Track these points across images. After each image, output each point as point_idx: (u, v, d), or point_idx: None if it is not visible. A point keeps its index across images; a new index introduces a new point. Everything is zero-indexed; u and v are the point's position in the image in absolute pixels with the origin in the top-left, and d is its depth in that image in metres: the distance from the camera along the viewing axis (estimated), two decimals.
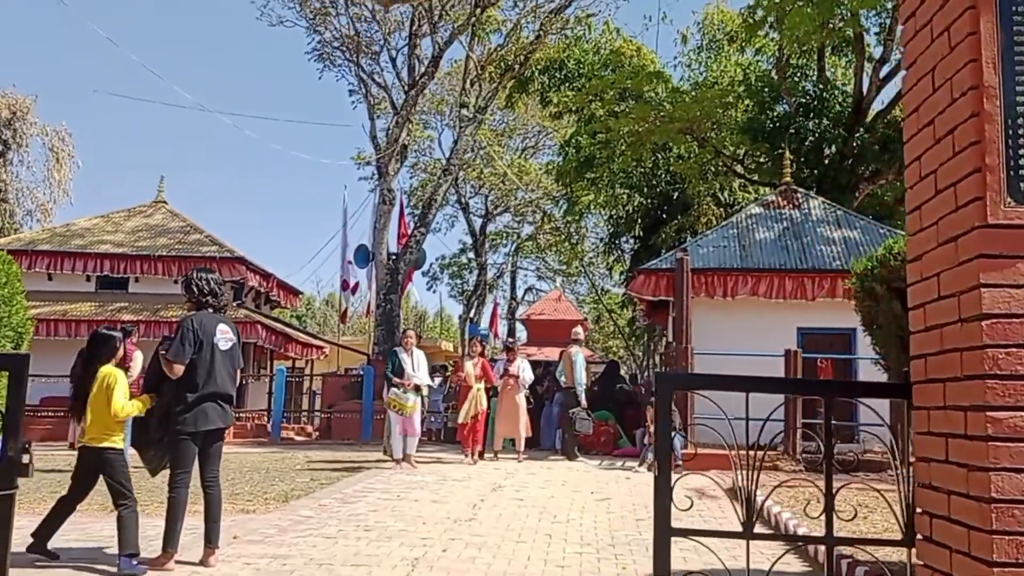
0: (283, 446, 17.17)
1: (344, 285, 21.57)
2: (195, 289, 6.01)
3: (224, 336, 5.96)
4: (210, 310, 6.02)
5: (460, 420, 12.86)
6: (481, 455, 13.03)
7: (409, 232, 19.83)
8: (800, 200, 17.33)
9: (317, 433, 20.05)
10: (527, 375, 13.49)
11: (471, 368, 12.65)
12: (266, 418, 19.33)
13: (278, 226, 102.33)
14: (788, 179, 17.91)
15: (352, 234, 22.71)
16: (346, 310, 23.24)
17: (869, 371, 14.39)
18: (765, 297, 15.24)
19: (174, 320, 18.55)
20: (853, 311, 15.19)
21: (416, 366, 11.74)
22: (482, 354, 13.72)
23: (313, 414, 21.13)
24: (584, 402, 13.85)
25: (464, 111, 20.12)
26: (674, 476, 9.55)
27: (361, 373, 19.38)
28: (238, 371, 6.14)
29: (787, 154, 18.27)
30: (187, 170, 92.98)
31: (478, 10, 19.03)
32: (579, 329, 14.47)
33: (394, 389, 11.63)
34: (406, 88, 19.72)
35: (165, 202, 22.71)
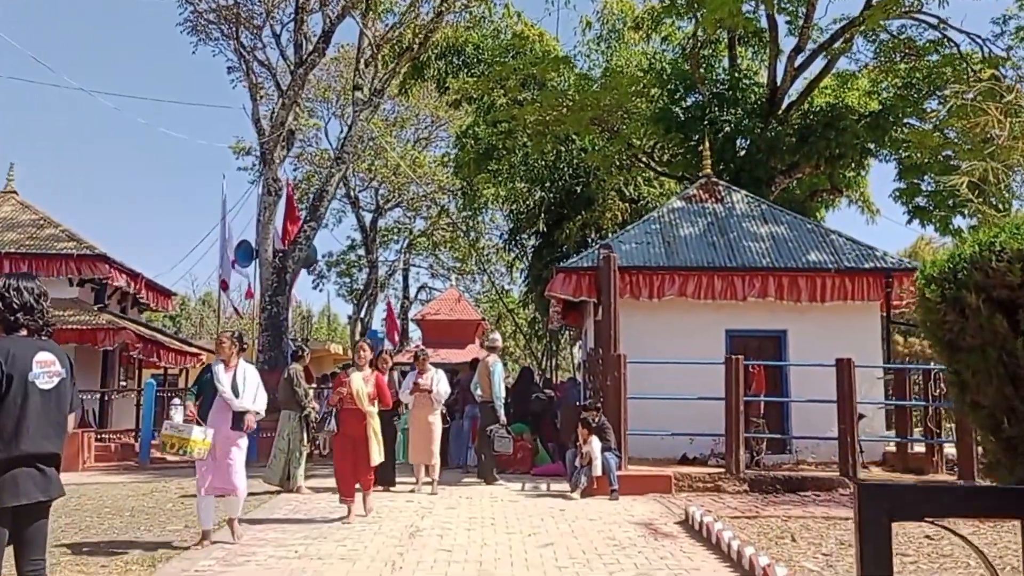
0: (154, 471, 14.99)
1: (223, 285, 19.41)
2: None
3: (46, 370, 4.14)
4: (23, 332, 4.19)
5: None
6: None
7: (298, 227, 17.85)
8: (722, 193, 16.30)
9: None
10: (442, 388, 11.32)
11: (360, 384, 8.74)
12: (134, 438, 17.01)
13: (148, 220, 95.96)
14: (708, 171, 16.88)
15: (234, 229, 20.56)
16: (235, 308, 21.01)
17: (805, 378, 13.49)
18: (693, 297, 14.09)
19: None
20: (784, 312, 14.49)
21: (240, 385, 7.73)
22: (375, 365, 11.24)
23: None
24: (503, 418, 12.35)
25: (358, 94, 18.25)
26: (612, 504, 8.07)
27: None
28: (70, 418, 4.33)
29: (706, 144, 17.24)
30: (45, 158, 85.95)
31: None
32: (496, 336, 12.92)
33: (169, 420, 8.54)
34: (292, 67, 17.70)
35: (15, 192, 19.86)
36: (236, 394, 7.56)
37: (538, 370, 37.67)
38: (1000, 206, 18.35)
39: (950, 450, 12.18)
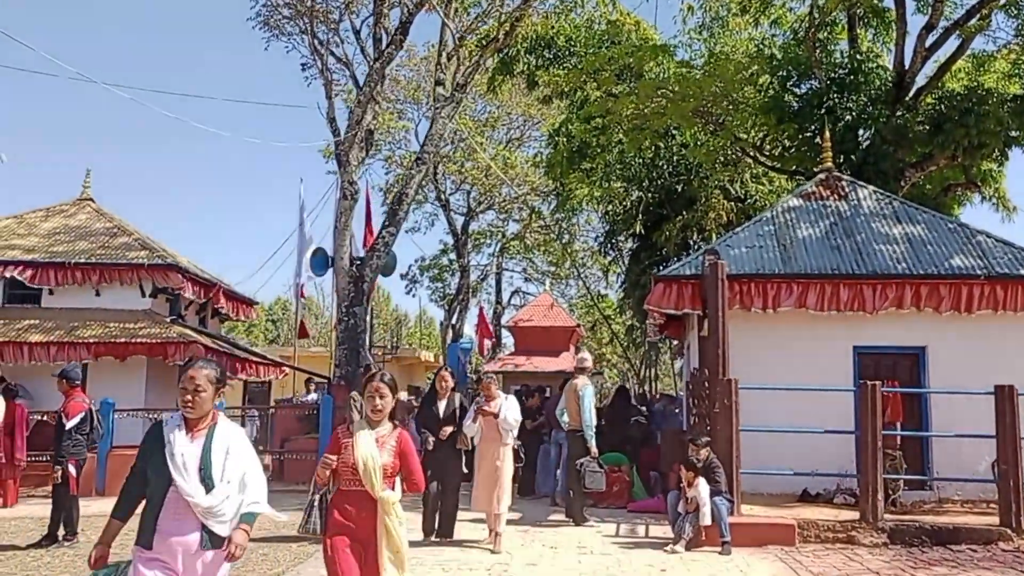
0: None
1: (301, 294, 18.51)
2: None
3: None
4: None
5: None
6: None
7: (376, 233, 16.72)
8: (846, 189, 14.34)
9: (269, 473, 16.90)
10: (511, 416, 9.04)
11: (369, 450, 4.72)
12: None
13: (230, 226, 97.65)
14: (828, 164, 14.93)
15: (315, 234, 19.64)
16: (303, 324, 20.13)
17: (950, 403, 11.52)
18: (815, 309, 12.25)
19: (92, 341, 15.39)
20: (923, 325, 12.39)
21: (213, 465, 4.10)
22: (476, 396, 9.46)
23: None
24: (594, 449, 10.81)
25: (440, 89, 17.00)
26: (723, 560, 6.38)
27: (315, 400, 16.28)
28: None
29: (826, 135, 15.29)
30: (123, 163, 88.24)
31: None
32: (586, 356, 11.35)
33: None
34: (371, 62, 16.59)
35: (91, 200, 19.42)
36: (206, 482, 4.07)
37: (636, 380, 35.98)
38: None
39: None
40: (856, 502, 11.17)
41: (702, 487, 8.99)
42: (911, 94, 17.79)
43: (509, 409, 8.98)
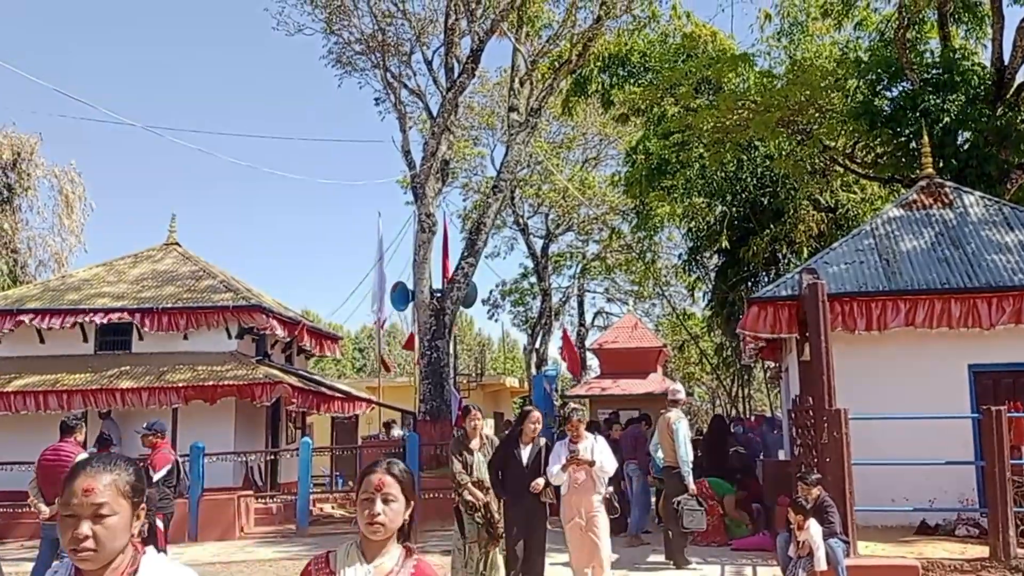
0: (314, 538, 13.88)
1: (381, 327, 18.41)
2: None
3: None
4: None
5: None
6: None
7: (455, 264, 16.49)
8: (951, 196, 13.43)
9: (354, 512, 16.73)
10: (607, 462, 7.83)
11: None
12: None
13: (316, 262, 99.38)
14: (929, 170, 14.05)
15: (394, 268, 19.50)
16: (384, 359, 20.02)
17: None
18: (925, 327, 11.43)
19: (181, 385, 15.49)
20: None
21: None
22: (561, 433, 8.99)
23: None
24: (692, 487, 10.21)
25: (514, 115, 16.73)
26: None
27: (402, 437, 16.02)
28: None
29: (924, 139, 14.41)
30: (207, 208, 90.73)
31: None
32: (679, 388, 10.72)
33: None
34: (444, 92, 16.42)
35: (178, 244, 19.72)
36: None
37: (728, 401, 34.88)
38: None
39: None
40: (980, 533, 10.33)
41: (814, 529, 8.32)
42: (1012, 91, 16.72)
43: (602, 453, 7.86)
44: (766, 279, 22.75)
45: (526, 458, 7.94)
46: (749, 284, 23.58)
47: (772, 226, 22.07)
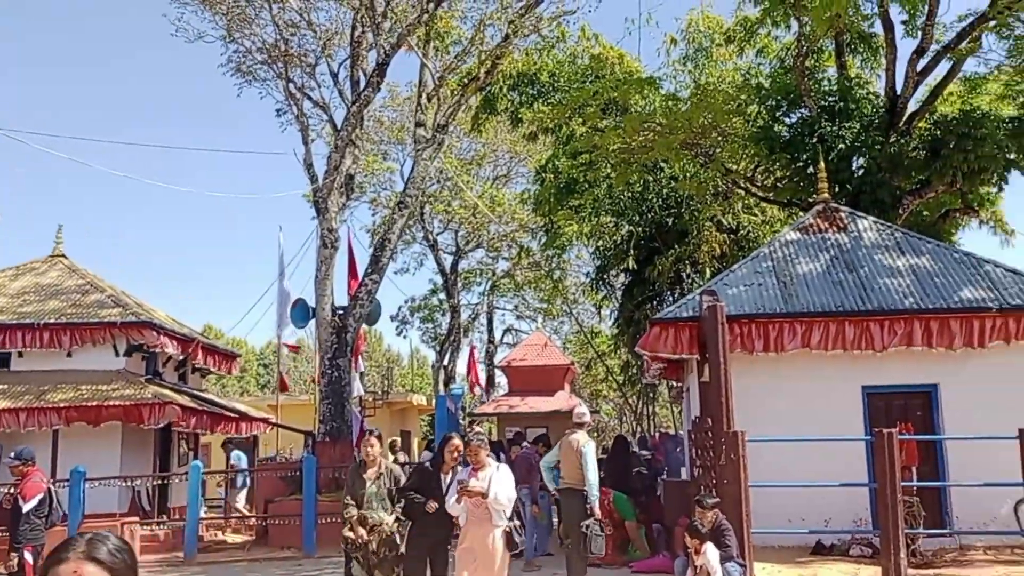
0: (202, 566, 13.26)
1: (294, 348, 17.86)
2: None
3: None
4: None
5: None
6: None
7: (359, 281, 16.11)
8: (845, 221, 13.80)
9: (252, 536, 16.12)
10: (502, 493, 7.21)
11: None
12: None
13: (215, 277, 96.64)
14: (825, 195, 14.41)
15: (299, 283, 18.98)
16: (283, 378, 19.43)
17: (970, 446, 10.86)
18: (820, 349, 11.67)
19: (63, 405, 14.64)
20: (933, 362, 11.74)
21: None
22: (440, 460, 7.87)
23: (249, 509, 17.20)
24: (598, 511, 10.11)
25: (420, 131, 16.49)
26: None
27: (298, 459, 15.52)
28: None
29: (820, 164, 14.79)
30: (104, 220, 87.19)
31: (431, 5, 15.43)
32: (583, 411, 10.62)
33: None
34: (349, 105, 16.08)
35: (64, 256, 18.71)
36: None
37: (632, 418, 35.16)
38: None
39: None
40: (873, 553, 10.53)
41: (711, 553, 8.29)
42: (904, 120, 17.34)
43: (501, 483, 7.23)
44: (671, 298, 23.02)
45: (446, 487, 7.63)
46: (655, 303, 23.82)
47: (677, 246, 22.35)
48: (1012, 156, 16.59)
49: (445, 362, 36.74)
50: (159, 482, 16.61)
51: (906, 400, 11.84)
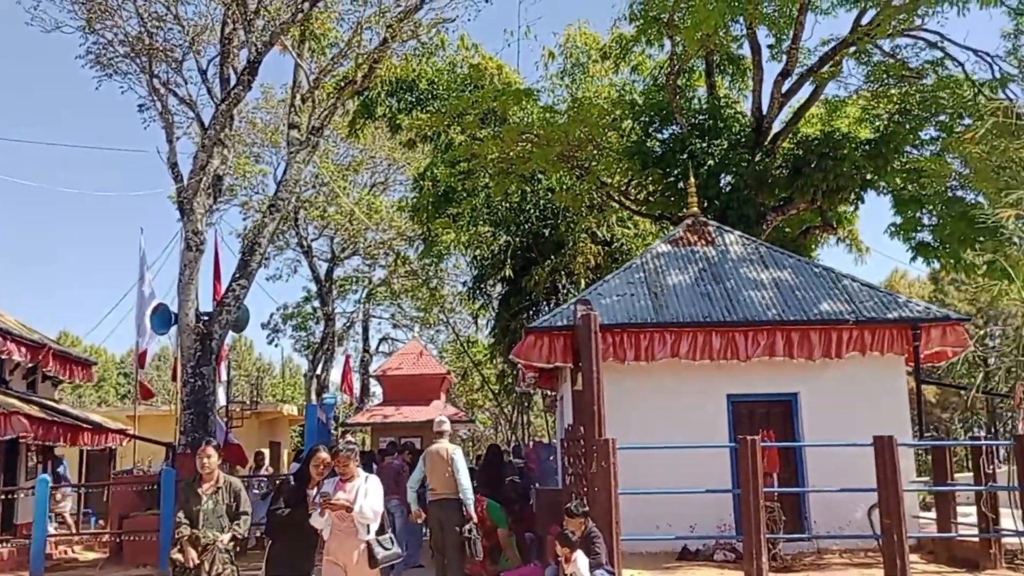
0: None
1: (141, 359, 17.01)
2: None
3: None
4: None
5: None
6: None
7: (226, 286, 15.50)
8: (713, 235, 14.21)
9: (106, 554, 15.22)
10: (367, 506, 6.93)
11: None
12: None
13: (73, 280, 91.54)
14: (694, 209, 14.82)
15: (164, 288, 18.09)
16: (143, 385, 18.55)
17: (828, 452, 11.31)
18: (688, 358, 11.94)
19: None
20: (794, 372, 12.20)
21: None
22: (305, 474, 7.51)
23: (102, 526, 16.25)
24: (475, 516, 10.04)
25: (294, 133, 16.04)
26: None
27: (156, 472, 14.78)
28: None
29: (690, 179, 15.21)
30: None
31: (305, 4, 15.05)
32: (444, 419, 10.57)
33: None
34: (217, 104, 15.48)
35: None
36: None
37: (508, 427, 35.29)
38: (1017, 238, 16.46)
39: (1012, 540, 10.01)
40: (736, 558, 10.79)
41: (581, 561, 8.30)
42: (769, 139, 18.08)
43: (369, 495, 6.96)
44: (547, 308, 23.22)
45: (312, 501, 7.24)
46: (531, 312, 23.97)
47: (553, 257, 22.61)
48: (868, 177, 17.53)
49: (318, 371, 35.94)
50: (3, 497, 15.46)
51: (768, 408, 12.23)
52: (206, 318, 14.95)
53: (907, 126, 17.45)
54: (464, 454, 12.26)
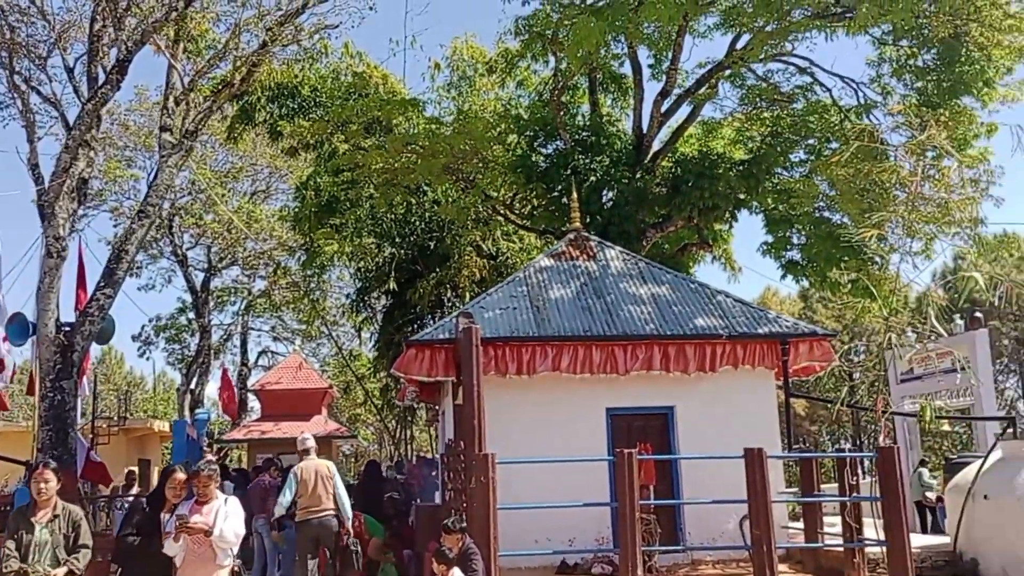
0: None
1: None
2: None
3: None
4: None
5: None
6: None
7: (90, 295, 14.68)
8: (595, 250, 14.38)
9: None
10: (228, 529, 6.70)
11: None
12: None
13: None
14: (577, 224, 14.97)
15: (17, 297, 16.97)
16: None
17: (703, 465, 11.55)
18: (569, 372, 12.01)
19: None
20: (670, 385, 12.44)
21: None
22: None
23: None
24: (351, 529, 9.82)
25: (166, 136, 15.36)
26: None
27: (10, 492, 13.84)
28: None
29: (573, 195, 15.36)
30: None
31: (180, 3, 14.46)
32: (308, 436, 10.38)
33: None
34: (84, 102, 14.68)
35: None
36: None
37: (391, 442, 34.81)
38: (878, 259, 17.38)
39: (875, 549, 10.44)
40: (613, 571, 10.88)
41: None
42: (649, 157, 18.51)
43: (230, 517, 6.68)
44: (432, 321, 23.04)
45: (171, 527, 6.77)
46: (415, 326, 23.76)
47: (438, 270, 22.47)
48: (741, 196, 18.14)
49: (192, 386, 34.57)
50: None
51: (646, 421, 12.40)
52: (67, 329, 14.10)
53: (778, 148, 18.17)
54: (347, 470, 12.00)
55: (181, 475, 7.12)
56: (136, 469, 21.07)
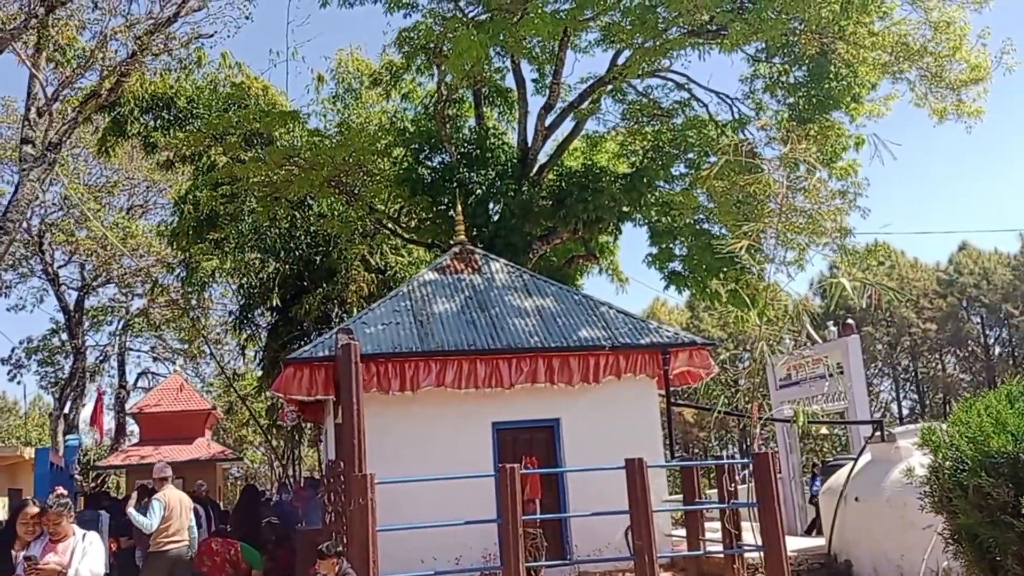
0: None
1: None
2: None
3: None
4: None
5: None
6: None
7: None
8: (480, 263, 14.30)
9: None
10: (89, 569, 6.25)
11: None
12: None
13: None
14: (462, 237, 14.87)
15: None
16: None
17: (588, 476, 11.57)
18: (454, 387, 11.87)
19: None
20: (555, 398, 12.45)
21: None
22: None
23: None
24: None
25: (28, 148, 14.53)
26: None
27: None
28: None
29: (459, 208, 15.27)
30: None
31: (40, 10, 13.73)
32: (166, 465, 9.93)
33: None
34: None
35: None
36: None
37: (279, 464, 33.88)
38: (753, 269, 17.90)
39: (755, 554, 10.64)
40: None
41: None
42: (535, 170, 18.61)
43: (88, 555, 6.26)
44: (318, 338, 22.58)
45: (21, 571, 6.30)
46: (301, 342, 23.20)
47: (325, 285, 22.02)
48: (625, 209, 18.42)
49: (66, 410, 32.80)
50: None
51: (532, 435, 12.37)
52: None
53: (659, 162, 18.53)
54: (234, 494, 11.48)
55: (33, 509, 6.62)
56: (3, 500, 19.79)
